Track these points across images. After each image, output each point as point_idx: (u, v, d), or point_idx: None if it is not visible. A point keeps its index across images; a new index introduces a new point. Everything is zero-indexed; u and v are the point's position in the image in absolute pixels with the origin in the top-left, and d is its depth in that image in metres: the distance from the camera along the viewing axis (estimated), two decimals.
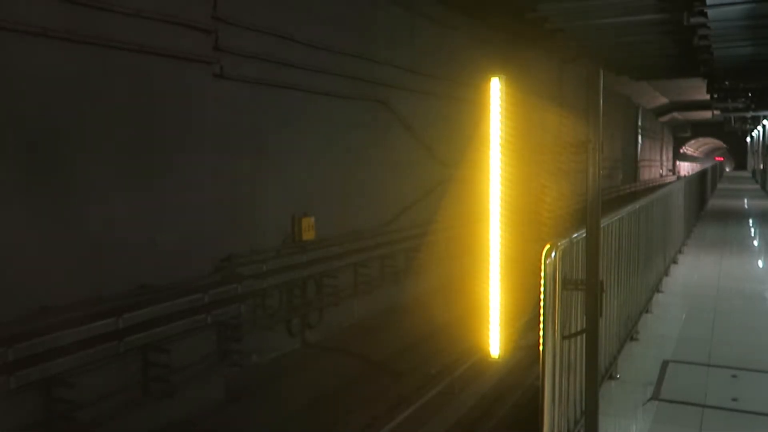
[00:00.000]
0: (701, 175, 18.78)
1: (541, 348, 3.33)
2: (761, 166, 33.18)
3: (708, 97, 24.71)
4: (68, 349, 5.56)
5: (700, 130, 56.94)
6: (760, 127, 38.27)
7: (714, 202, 23.17)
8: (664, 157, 52.67)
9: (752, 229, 16.55)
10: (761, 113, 30.78)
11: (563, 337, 3.53)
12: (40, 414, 5.59)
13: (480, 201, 3.46)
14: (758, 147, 39.91)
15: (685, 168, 61.63)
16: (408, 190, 12.37)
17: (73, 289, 5.98)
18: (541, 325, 3.32)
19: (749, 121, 39.65)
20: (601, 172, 3.51)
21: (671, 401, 4.94)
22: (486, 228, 3.38)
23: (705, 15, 11.31)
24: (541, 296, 3.33)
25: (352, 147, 10.76)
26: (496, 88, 3.29)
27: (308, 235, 9.50)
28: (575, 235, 3.75)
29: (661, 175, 48.14)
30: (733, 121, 40.70)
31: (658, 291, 8.24)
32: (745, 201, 25.46)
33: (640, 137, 37.68)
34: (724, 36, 12.93)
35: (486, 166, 3.34)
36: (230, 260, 7.89)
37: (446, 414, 7.37)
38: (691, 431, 4.49)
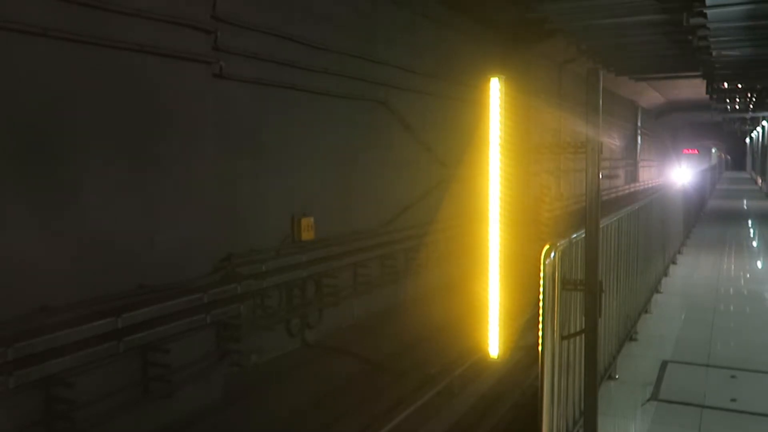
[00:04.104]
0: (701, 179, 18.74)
1: (540, 348, 3.34)
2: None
3: (706, 95, 24.70)
4: (67, 349, 5.55)
5: (699, 131, 56.98)
6: (759, 128, 38.26)
7: (713, 203, 23.17)
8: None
9: (751, 230, 16.57)
10: (760, 114, 30.80)
11: (562, 338, 3.54)
12: (39, 414, 5.59)
13: (480, 201, 3.46)
14: (758, 148, 39.90)
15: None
16: (407, 190, 12.37)
17: (73, 289, 5.97)
18: (540, 326, 3.32)
19: (748, 122, 39.68)
20: (602, 172, 3.51)
21: (670, 401, 4.95)
22: (486, 228, 3.38)
23: (704, 16, 11.32)
24: (541, 296, 3.33)
25: (351, 147, 10.76)
26: (495, 88, 3.29)
27: (308, 235, 9.50)
28: (574, 235, 3.75)
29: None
30: (732, 122, 40.67)
31: (657, 291, 8.25)
32: (744, 202, 25.47)
33: (639, 138, 37.68)
34: (724, 37, 12.94)
35: (486, 166, 3.34)
36: (230, 260, 7.88)
37: (445, 414, 7.37)
38: (690, 431, 4.49)
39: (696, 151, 51.70)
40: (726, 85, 22.62)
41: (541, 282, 3.33)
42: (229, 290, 7.35)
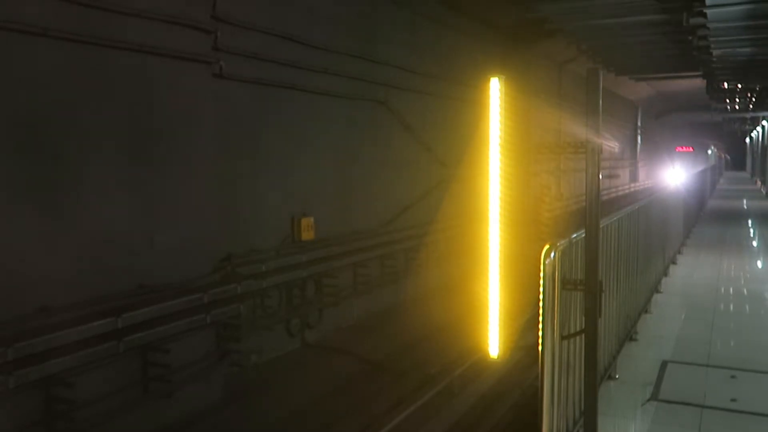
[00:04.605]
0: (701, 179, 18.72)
1: (540, 348, 3.34)
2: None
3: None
4: (67, 349, 5.55)
5: (698, 130, 56.97)
6: (759, 128, 38.23)
7: (713, 203, 23.18)
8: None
9: (751, 230, 16.57)
10: (760, 114, 30.81)
11: (562, 338, 3.54)
12: (39, 414, 5.59)
13: (480, 201, 3.46)
14: (757, 148, 39.84)
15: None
16: (407, 190, 12.37)
17: (73, 289, 5.97)
18: (540, 326, 3.33)
19: (748, 121, 39.70)
20: (602, 172, 3.51)
21: (670, 402, 4.95)
22: (486, 228, 3.38)
23: (704, 15, 11.33)
24: (541, 296, 3.33)
25: (351, 147, 10.76)
26: (495, 88, 3.29)
27: (307, 235, 9.50)
28: (574, 235, 3.75)
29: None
30: (732, 122, 40.61)
31: (657, 291, 8.25)
32: (744, 202, 25.49)
33: (639, 138, 37.58)
34: (724, 36, 12.95)
35: (486, 166, 3.34)
36: (229, 260, 7.88)
37: (445, 414, 7.37)
38: (690, 431, 4.49)
39: (691, 149, 45.00)
40: (726, 85, 22.63)
41: (541, 282, 3.33)
42: (229, 290, 7.35)
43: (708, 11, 10.96)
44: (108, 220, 6.33)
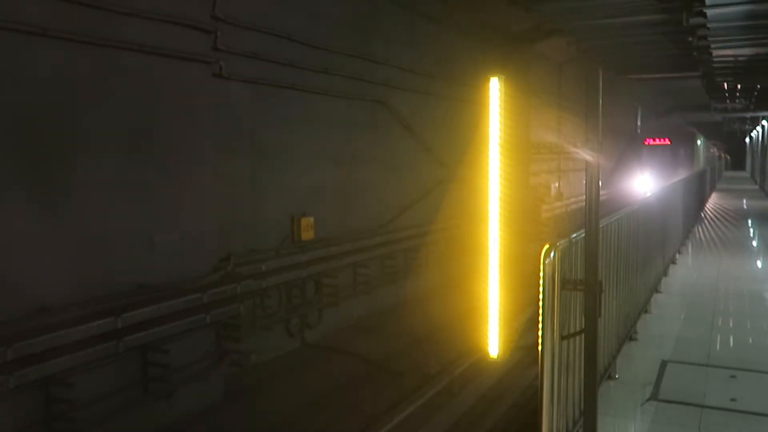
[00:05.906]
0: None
1: (540, 348, 3.34)
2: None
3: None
4: (67, 349, 5.55)
5: (699, 130, 56.93)
6: (759, 128, 38.21)
7: (713, 202, 23.19)
8: None
9: (751, 230, 16.58)
10: (760, 114, 30.78)
11: (562, 338, 3.54)
12: (39, 414, 5.58)
13: (480, 201, 3.46)
14: (757, 147, 39.81)
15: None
16: (407, 190, 12.37)
17: (73, 289, 5.97)
18: (540, 326, 3.33)
19: (748, 121, 39.70)
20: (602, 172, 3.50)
21: (670, 401, 4.95)
22: (485, 228, 3.38)
23: (704, 15, 11.31)
24: (540, 296, 3.33)
25: (351, 147, 10.76)
26: (495, 88, 3.29)
27: (307, 235, 9.50)
28: (574, 235, 3.75)
29: None
30: (732, 122, 40.56)
31: (657, 291, 8.25)
32: (744, 201, 25.50)
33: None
34: (724, 36, 12.94)
35: (486, 166, 3.34)
36: (229, 260, 7.88)
37: (445, 414, 7.37)
38: (690, 431, 4.49)
39: (667, 141, 31.94)
40: (726, 85, 22.62)
41: (541, 282, 3.33)
42: (228, 290, 7.34)
43: (708, 11, 10.94)
44: (108, 220, 6.32)
